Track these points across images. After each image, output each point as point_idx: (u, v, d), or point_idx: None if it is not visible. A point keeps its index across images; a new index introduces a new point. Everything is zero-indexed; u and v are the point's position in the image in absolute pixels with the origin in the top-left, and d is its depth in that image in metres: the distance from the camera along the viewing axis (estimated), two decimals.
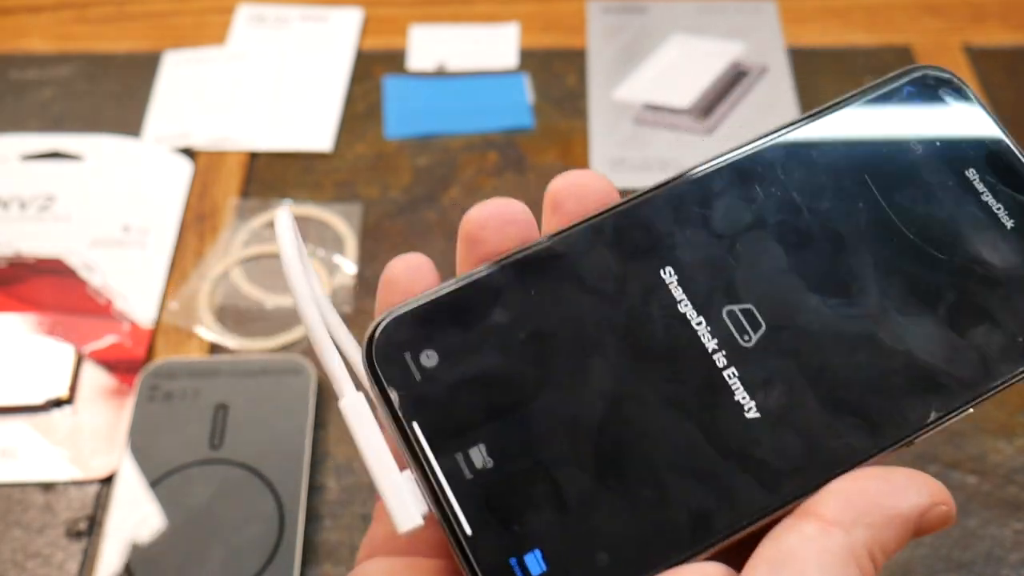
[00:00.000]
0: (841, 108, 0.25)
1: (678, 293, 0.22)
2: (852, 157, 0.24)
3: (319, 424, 0.46)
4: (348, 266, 0.54)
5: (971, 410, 0.22)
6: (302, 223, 0.56)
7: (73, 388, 0.48)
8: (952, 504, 0.20)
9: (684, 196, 0.23)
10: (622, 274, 0.22)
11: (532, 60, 0.65)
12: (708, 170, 0.24)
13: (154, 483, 0.43)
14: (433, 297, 0.22)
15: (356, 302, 0.52)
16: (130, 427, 0.45)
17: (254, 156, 0.60)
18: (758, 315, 0.22)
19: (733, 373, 0.21)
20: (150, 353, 0.50)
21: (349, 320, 0.51)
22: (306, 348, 0.50)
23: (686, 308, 0.22)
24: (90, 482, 0.45)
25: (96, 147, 0.59)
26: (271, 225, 0.55)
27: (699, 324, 0.22)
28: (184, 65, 0.64)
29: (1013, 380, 0.22)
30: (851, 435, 0.21)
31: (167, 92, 0.63)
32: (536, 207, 0.62)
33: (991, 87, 0.63)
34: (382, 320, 0.21)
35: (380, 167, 0.59)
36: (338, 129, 0.61)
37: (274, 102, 0.62)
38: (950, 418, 0.21)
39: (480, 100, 0.62)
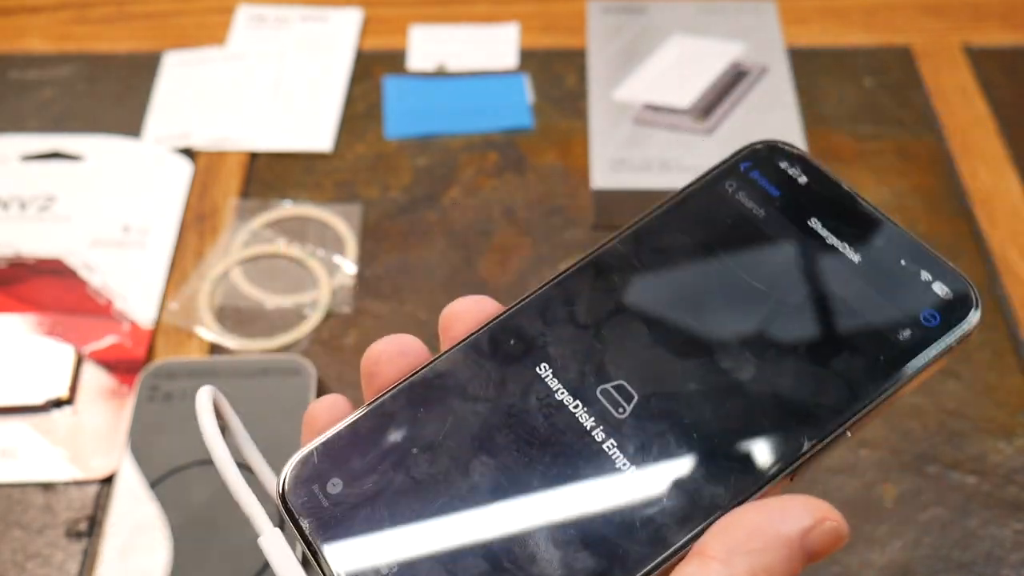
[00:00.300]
0: (687, 191, 0.27)
1: (554, 384, 0.24)
2: (702, 232, 0.27)
3: None
4: (348, 266, 0.54)
5: (848, 434, 0.23)
6: (302, 223, 0.56)
7: (73, 388, 0.48)
8: (840, 520, 0.21)
9: (551, 299, 0.26)
10: (502, 379, 0.25)
11: (532, 60, 0.65)
12: (570, 271, 0.26)
13: (154, 483, 0.43)
14: (335, 431, 0.24)
15: (356, 302, 0.52)
16: (130, 427, 0.45)
17: (254, 156, 0.60)
18: (629, 388, 0.24)
19: (612, 444, 0.23)
20: (150, 353, 0.50)
21: (349, 320, 0.52)
22: (306, 348, 0.50)
23: (563, 396, 0.24)
24: (90, 482, 0.45)
25: (96, 147, 0.59)
26: (271, 225, 0.56)
27: (576, 407, 0.24)
28: (184, 65, 0.64)
29: (879, 399, 0.23)
30: (730, 478, 0.22)
31: (167, 92, 0.63)
32: (535, 207, 0.61)
33: (991, 87, 0.63)
34: (292, 460, 0.24)
35: (380, 167, 0.59)
36: (338, 129, 0.61)
37: (274, 102, 0.62)
38: (824, 445, 0.23)
39: (480, 100, 0.62)
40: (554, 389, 0.24)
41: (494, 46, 0.66)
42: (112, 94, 0.63)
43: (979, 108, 0.62)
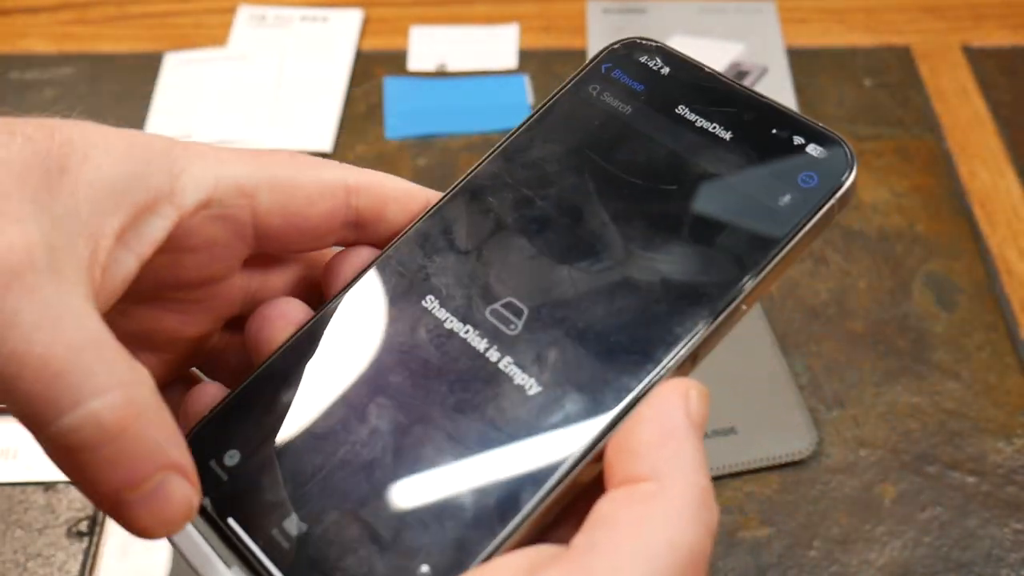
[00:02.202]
0: (551, 101, 0.27)
1: (442, 314, 0.24)
2: (570, 138, 0.26)
3: None
4: None
5: (744, 307, 0.23)
6: None
7: None
8: (695, 383, 0.21)
9: (428, 230, 0.25)
10: (389, 319, 0.24)
11: (532, 61, 0.65)
12: (444, 199, 0.26)
13: None
14: (221, 405, 0.23)
15: None
16: None
17: None
18: (517, 303, 0.23)
19: (508, 361, 0.23)
20: None
21: None
22: None
23: (452, 323, 0.23)
24: None
25: None
26: None
27: (467, 332, 0.23)
28: (185, 66, 0.64)
29: (769, 266, 0.23)
30: (629, 370, 0.22)
31: (168, 93, 0.63)
32: None
33: (990, 87, 0.63)
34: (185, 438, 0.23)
35: (381, 167, 0.59)
36: (338, 129, 0.61)
37: (274, 102, 0.62)
38: (720, 321, 0.22)
39: (480, 100, 0.63)
40: (443, 319, 0.24)
41: (494, 46, 0.66)
42: (113, 94, 0.63)
43: (978, 108, 0.62)
